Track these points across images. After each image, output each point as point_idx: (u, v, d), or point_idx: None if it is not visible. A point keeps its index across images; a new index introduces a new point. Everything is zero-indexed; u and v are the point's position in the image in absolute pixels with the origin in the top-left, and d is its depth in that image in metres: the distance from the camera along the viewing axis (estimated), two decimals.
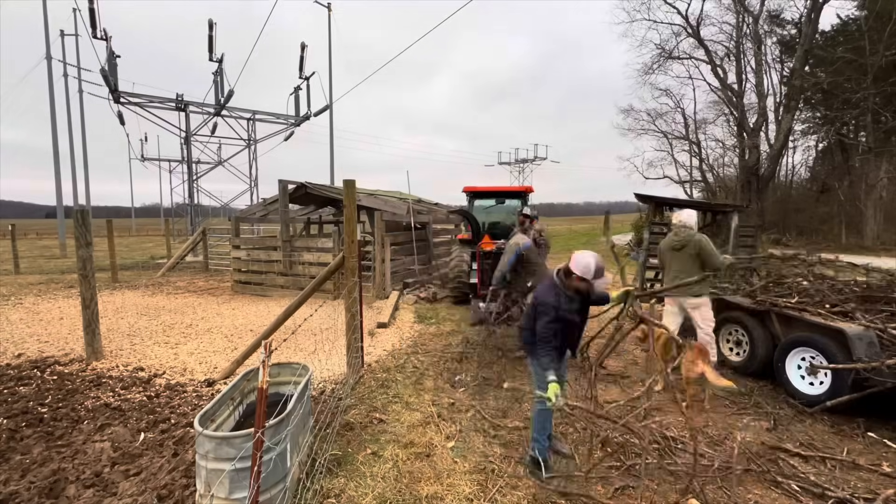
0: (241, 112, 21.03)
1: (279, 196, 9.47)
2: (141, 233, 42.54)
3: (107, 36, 16.33)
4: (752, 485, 2.76)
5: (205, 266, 13.61)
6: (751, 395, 4.10)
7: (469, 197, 8.87)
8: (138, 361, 5.13)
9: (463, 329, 6.42)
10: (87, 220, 5.08)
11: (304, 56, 19.75)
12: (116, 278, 11.19)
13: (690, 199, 21.39)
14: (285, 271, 9.24)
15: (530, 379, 4.50)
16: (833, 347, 3.70)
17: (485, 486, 2.72)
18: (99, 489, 2.76)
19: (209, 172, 22.57)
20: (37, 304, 8.26)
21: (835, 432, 3.45)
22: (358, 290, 4.38)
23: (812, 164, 25.49)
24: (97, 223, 9.04)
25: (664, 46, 23.00)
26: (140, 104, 18.51)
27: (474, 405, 3.87)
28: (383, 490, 2.66)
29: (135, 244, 27.73)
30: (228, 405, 2.77)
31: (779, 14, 21.17)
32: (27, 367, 4.93)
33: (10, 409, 3.88)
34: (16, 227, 14.58)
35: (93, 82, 22.94)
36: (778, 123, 21.22)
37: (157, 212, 49.56)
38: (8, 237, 15.54)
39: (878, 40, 17.17)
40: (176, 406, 3.94)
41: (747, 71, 21.89)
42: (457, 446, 3.19)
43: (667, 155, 26.82)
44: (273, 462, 2.23)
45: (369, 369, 4.77)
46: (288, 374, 3.28)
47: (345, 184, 4.47)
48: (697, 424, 3.17)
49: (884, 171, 18.62)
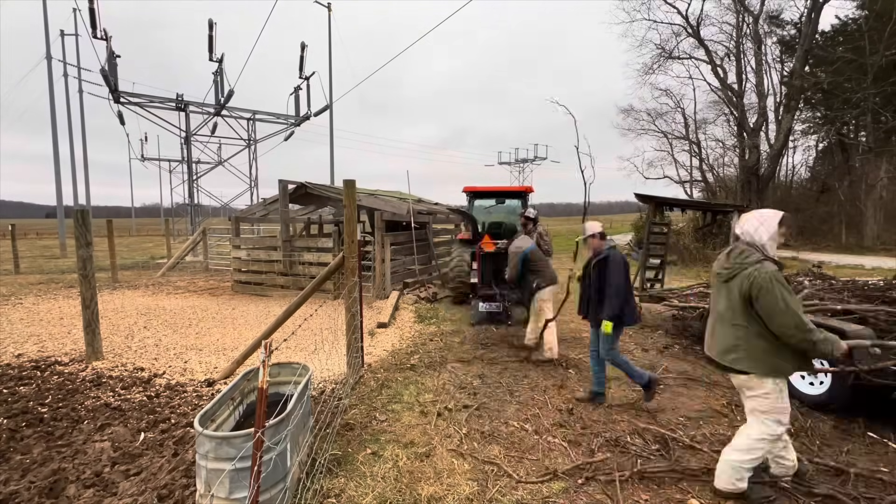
0: (241, 112, 21.06)
1: (279, 196, 9.48)
2: (141, 233, 42.55)
3: (107, 36, 16.35)
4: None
5: (205, 266, 13.62)
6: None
7: (469, 197, 8.87)
8: (138, 361, 5.13)
9: (463, 329, 6.42)
10: (87, 220, 5.09)
11: (304, 56, 19.77)
12: (116, 278, 11.19)
13: (690, 199, 21.39)
14: (285, 271, 9.24)
15: (531, 379, 4.51)
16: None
17: (485, 486, 2.72)
18: (99, 489, 2.76)
19: (209, 172, 22.60)
20: (37, 304, 8.26)
21: (838, 434, 3.44)
22: (358, 290, 4.38)
23: (812, 164, 25.50)
24: (97, 223, 9.04)
25: (664, 46, 23.02)
26: (140, 104, 18.54)
27: (475, 405, 3.87)
28: (383, 490, 2.66)
29: (135, 244, 27.73)
30: (228, 405, 2.77)
31: (779, 14, 21.18)
32: (27, 367, 4.93)
33: (10, 409, 3.88)
34: (16, 226, 14.58)
35: (93, 82, 22.98)
36: (778, 123, 21.22)
37: (157, 212, 49.61)
38: (8, 237, 15.54)
39: (878, 40, 17.17)
40: (176, 406, 3.94)
41: (747, 71, 21.91)
42: (457, 446, 3.19)
43: (667, 155, 26.82)
44: (273, 462, 2.23)
45: (369, 369, 4.77)
46: (288, 374, 3.28)
47: (345, 184, 4.47)
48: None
49: (884, 170, 18.61)
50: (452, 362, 5.02)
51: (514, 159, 46.35)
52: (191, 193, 20.80)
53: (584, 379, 4.49)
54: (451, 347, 5.59)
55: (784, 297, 2.27)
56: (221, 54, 18.57)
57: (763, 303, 2.32)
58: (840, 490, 2.56)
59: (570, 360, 5.09)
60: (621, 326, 3.77)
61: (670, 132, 25.79)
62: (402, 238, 9.50)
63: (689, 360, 5.10)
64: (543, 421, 3.58)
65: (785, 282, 2.33)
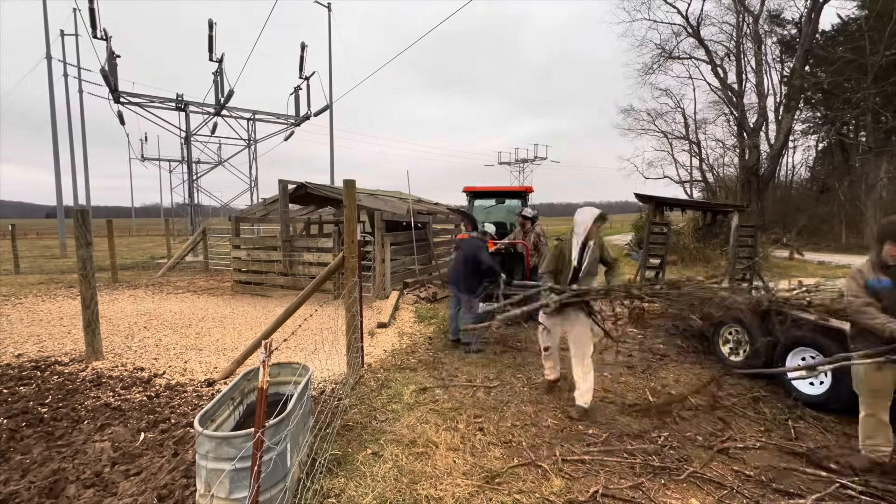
0: (241, 112, 21.03)
1: (279, 196, 9.48)
2: (141, 233, 42.53)
3: (107, 36, 16.32)
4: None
5: (205, 266, 13.61)
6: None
7: (469, 197, 8.87)
8: (138, 361, 5.13)
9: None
10: (87, 220, 5.08)
11: (304, 56, 19.75)
12: (116, 278, 11.19)
13: (690, 199, 21.39)
14: (285, 271, 9.24)
15: (531, 379, 4.51)
16: (833, 347, 3.70)
17: (485, 487, 2.72)
18: (99, 489, 2.76)
19: (209, 172, 22.58)
20: (37, 304, 8.26)
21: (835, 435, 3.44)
22: (358, 290, 4.38)
23: (812, 164, 25.50)
24: (97, 223, 9.05)
25: (664, 46, 23.03)
26: (140, 104, 18.51)
27: (475, 405, 3.86)
28: (383, 490, 2.66)
29: (135, 244, 27.73)
30: (228, 405, 2.77)
31: (779, 14, 21.19)
32: (27, 367, 4.93)
33: (10, 409, 3.88)
34: (16, 226, 14.58)
35: (93, 82, 22.96)
36: (778, 123, 21.22)
37: (157, 212, 49.59)
38: (8, 237, 15.53)
39: (879, 40, 17.17)
40: (176, 406, 3.94)
41: (747, 71, 21.92)
42: (457, 446, 3.18)
43: (667, 155, 26.85)
44: (273, 462, 2.23)
45: (369, 369, 4.77)
46: (288, 374, 3.28)
47: (345, 184, 4.47)
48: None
49: (884, 170, 18.61)
50: (452, 362, 5.02)
51: (514, 159, 46.36)
52: (191, 193, 20.79)
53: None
54: (450, 347, 5.59)
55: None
56: (221, 54, 18.54)
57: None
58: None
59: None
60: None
61: (670, 132, 25.83)
62: (402, 238, 9.50)
63: (689, 360, 5.10)
64: (544, 420, 3.58)
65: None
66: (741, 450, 3.14)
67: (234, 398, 2.85)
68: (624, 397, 4.06)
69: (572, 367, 3.77)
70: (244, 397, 2.99)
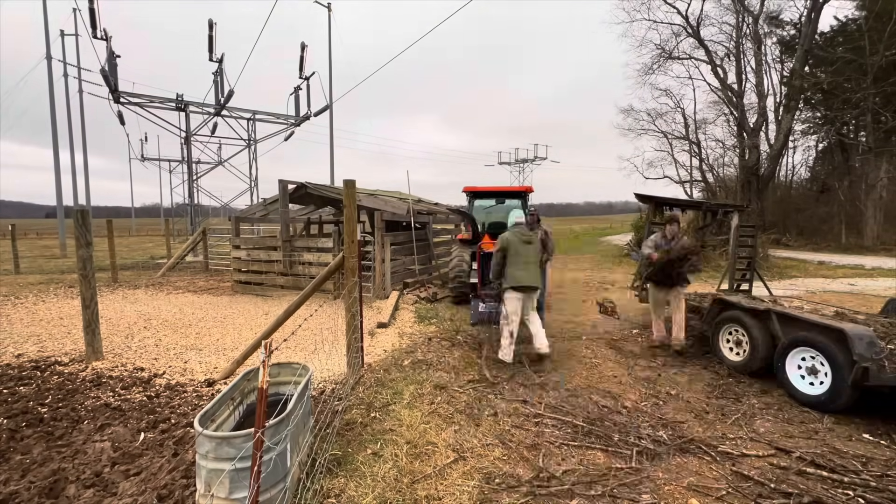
0: (241, 112, 21.04)
1: (279, 196, 9.47)
2: (141, 233, 42.55)
3: (107, 36, 16.34)
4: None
5: (205, 266, 13.61)
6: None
7: (469, 197, 8.87)
8: (138, 361, 5.13)
9: (463, 329, 6.42)
10: (87, 220, 5.08)
11: (304, 56, 19.76)
12: (116, 278, 11.19)
13: (690, 199, 21.38)
14: (285, 271, 9.24)
15: (531, 379, 4.51)
16: (833, 347, 3.70)
17: (484, 487, 2.72)
18: (99, 489, 2.76)
19: (209, 172, 22.59)
20: (37, 304, 8.26)
21: (838, 436, 3.44)
22: (358, 290, 4.38)
23: (812, 164, 25.48)
24: (97, 223, 9.04)
25: (664, 46, 22.99)
26: (140, 104, 18.52)
27: (475, 405, 3.87)
28: (383, 490, 2.66)
29: (135, 244, 27.73)
30: (228, 405, 2.77)
31: (779, 14, 21.15)
32: (27, 367, 4.93)
33: (10, 409, 3.88)
34: (16, 226, 14.58)
35: (93, 82, 22.97)
36: (778, 123, 21.21)
37: (157, 212, 49.60)
38: (8, 237, 15.53)
39: (878, 40, 17.16)
40: (176, 406, 3.94)
41: (747, 71, 21.88)
42: (457, 446, 3.18)
43: (667, 155, 26.78)
44: (273, 462, 2.23)
45: (369, 369, 4.77)
46: (288, 374, 3.28)
47: (345, 184, 4.47)
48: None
49: (884, 171, 18.61)
50: (452, 362, 5.02)
51: (514, 159, 46.36)
52: (191, 193, 20.80)
53: (585, 377, 4.48)
54: (450, 347, 5.58)
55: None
56: (221, 54, 18.55)
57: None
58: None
59: (571, 356, 5.10)
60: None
61: (670, 132, 25.77)
62: (402, 238, 9.50)
63: (689, 361, 5.11)
64: (544, 420, 3.58)
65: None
66: (740, 457, 3.14)
67: (234, 398, 2.85)
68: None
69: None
70: (244, 397, 2.98)
